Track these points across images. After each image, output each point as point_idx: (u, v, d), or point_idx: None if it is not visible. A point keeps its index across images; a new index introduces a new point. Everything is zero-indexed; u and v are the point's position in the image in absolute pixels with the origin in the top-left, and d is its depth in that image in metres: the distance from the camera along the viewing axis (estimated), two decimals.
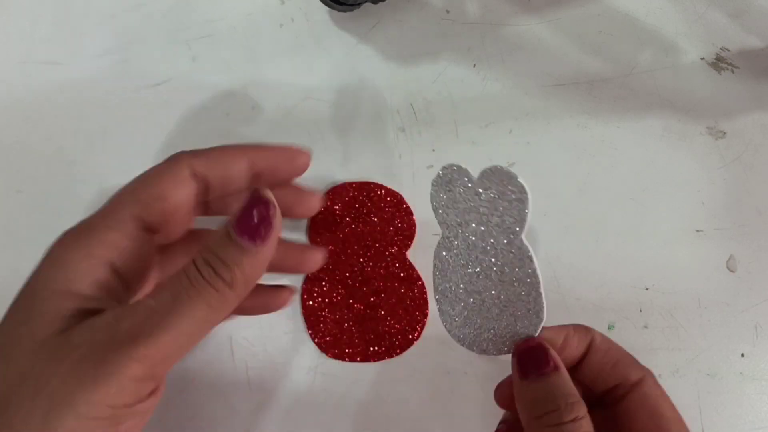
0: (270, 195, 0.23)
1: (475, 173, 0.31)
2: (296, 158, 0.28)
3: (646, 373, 0.26)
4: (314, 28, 0.37)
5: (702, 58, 0.36)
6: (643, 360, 0.34)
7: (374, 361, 0.34)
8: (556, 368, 0.24)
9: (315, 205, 0.30)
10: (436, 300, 0.29)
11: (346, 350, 0.34)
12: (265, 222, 0.23)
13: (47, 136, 0.37)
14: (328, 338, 0.35)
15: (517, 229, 0.27)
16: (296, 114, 0.36)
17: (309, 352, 0.35)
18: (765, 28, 0.35)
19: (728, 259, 0.35)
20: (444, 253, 0.28)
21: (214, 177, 0.26)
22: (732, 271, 0.35)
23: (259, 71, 0.37)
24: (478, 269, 0.28)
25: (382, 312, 0.34)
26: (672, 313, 0.34)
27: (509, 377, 0.27)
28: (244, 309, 0.27)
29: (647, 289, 0.35)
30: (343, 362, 0.35)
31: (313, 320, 0.34)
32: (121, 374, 0.20)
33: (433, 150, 0.36)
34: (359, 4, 0.34)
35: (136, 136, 0.37)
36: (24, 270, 0.33)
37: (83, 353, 0.20)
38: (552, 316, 0.34)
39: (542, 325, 0.27)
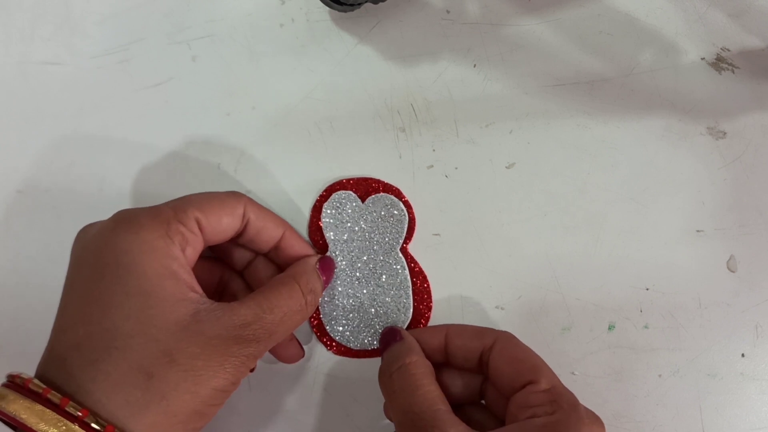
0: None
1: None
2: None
3: (499, 334, 0.30)
4: (314, 28, 0.37)
5: (702, 58, 0.36)
6: (644, 360, 0.34)
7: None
8: (401, 338, 0.31)
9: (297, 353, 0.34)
10: (320, 303, 0.34)
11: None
12: (332, 272, 0.34)
13: (47, 136, 0.37)
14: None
15: (396, 243, 0.34)
16: (296, 114, 0.36)
17: (309, 351, 0.35)
18: (765, 28, 0.35)
19: (729, 259, 0.35)
20: None
21: (255, 224, 0.31)
22: (732, 271, 0.34)
23: (259, 71, 0.37)
24: (359, 276, 0.34)
25: None
26: (672, 314, 0.34)
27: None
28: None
29: (647, 289, 0.34)
30: (343, 362, 0.35)
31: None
32: (243, 365, 0.27)
33: (434, 150, 0.36)
34: (359, 4, 0.34)
35: (136, 136, 0.37)
36: (24, 269, 0.33)
37: (217, 343, 0.26)
38: (553, 317, 0.34)
39: (408, 320, 0.34)
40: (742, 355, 0.34)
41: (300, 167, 0.36)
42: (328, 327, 0.34)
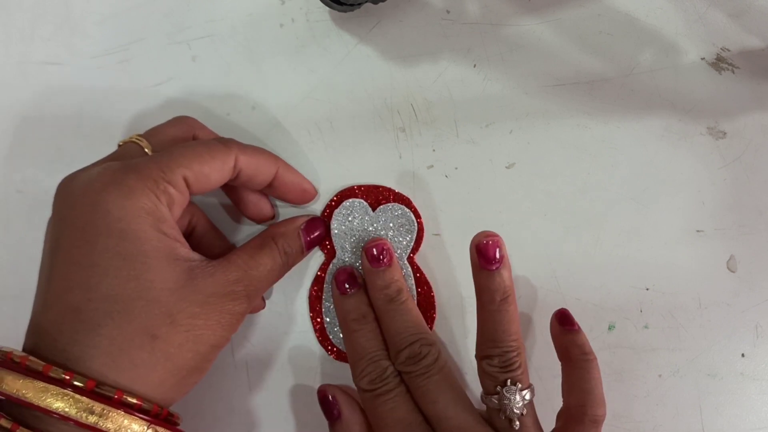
0: (325, 225, 0.34)
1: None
2: (306, 192, 0.34)
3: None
4: (314, 28, 0.37)
5: (702, 58, 0.36)
6: (644, 360, 0.34)
7: None
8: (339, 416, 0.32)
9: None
10: (323, 313, 0.34)
11: None
12: (317, 239, 0.34)
13: (47, 136, 0.37)
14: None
15: (404, 254, 0.34)
16: (296, 114, 0.36)
17: (309, 353, 0.35)
18: (765, 28, 0.35)
19: (728, 259, 0.35)
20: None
21: (246, 172, 0.31)
22: (732, 271, 0.35)
23: (259, 71, 0.37)
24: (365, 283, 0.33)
25: None
26: (672, 314, 0.34)
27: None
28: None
29: (647, 289, 0.34)
30: (344, 366, 0.35)
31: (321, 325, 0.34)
32: (237, 322, 0.29)
33: (434, 150, 0.36)
34: (359, 4, 0.34)
35: None
36: (24, 270, 0.33)
37: (214, 301, 0.28)
38: None
39: None
40: (742, 355, 0.34)
41: (300, 167, 0.36)
42: (330, 334, 0.34)
